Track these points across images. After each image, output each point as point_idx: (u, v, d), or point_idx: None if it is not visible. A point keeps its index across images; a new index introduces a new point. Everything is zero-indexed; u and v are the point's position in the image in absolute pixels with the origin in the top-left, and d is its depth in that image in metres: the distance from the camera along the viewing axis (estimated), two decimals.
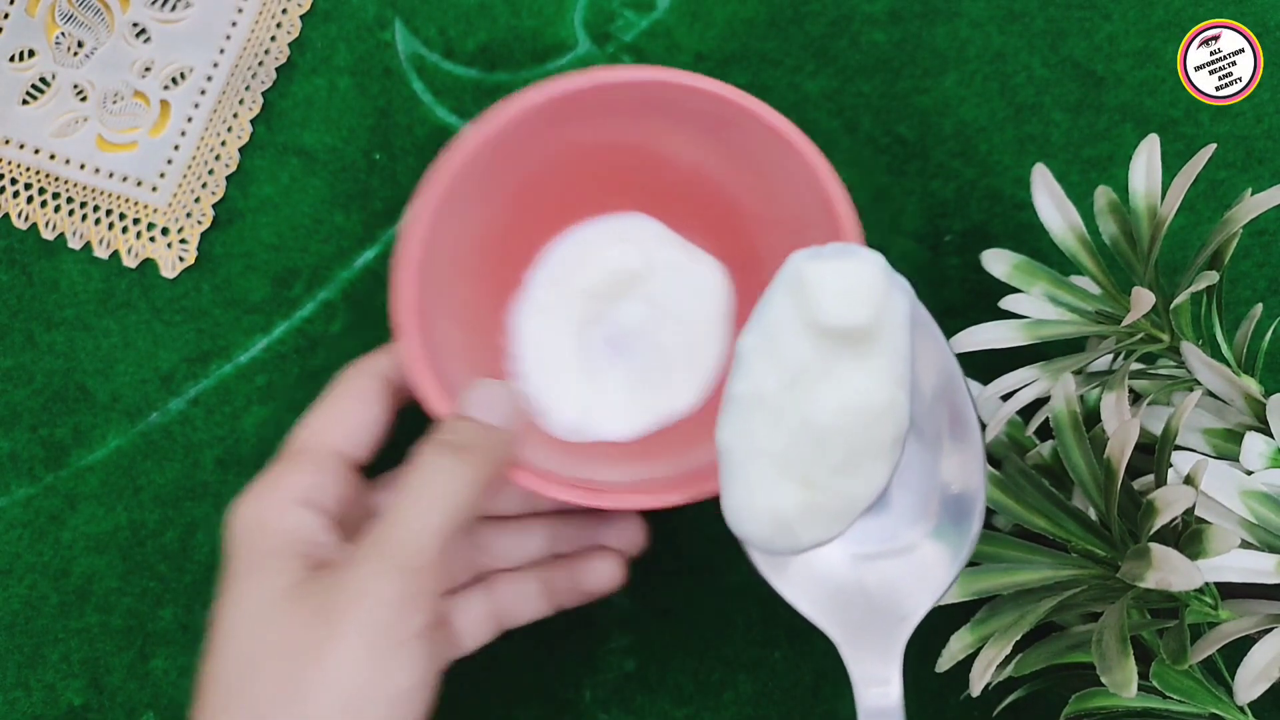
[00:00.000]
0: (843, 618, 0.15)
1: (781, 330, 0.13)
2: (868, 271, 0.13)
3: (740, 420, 0.13)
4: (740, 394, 0.13)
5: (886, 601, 0.14)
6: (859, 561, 0.15)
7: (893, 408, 0.13)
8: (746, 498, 0.13)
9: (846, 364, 0.13)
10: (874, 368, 0.13)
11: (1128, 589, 0.16)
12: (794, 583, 0.15)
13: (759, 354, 0.13)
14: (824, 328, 0.13)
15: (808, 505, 0.13)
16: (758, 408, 0.13)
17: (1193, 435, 0.18)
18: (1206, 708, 0.16)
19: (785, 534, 0.13)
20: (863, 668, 0.14)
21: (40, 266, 0.23)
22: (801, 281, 0.13)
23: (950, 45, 0.23)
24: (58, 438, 0.22)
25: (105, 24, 0.24)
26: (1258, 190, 0.17)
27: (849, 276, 0.13)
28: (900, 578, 0.15)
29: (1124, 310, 0.18)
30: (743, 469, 0.13)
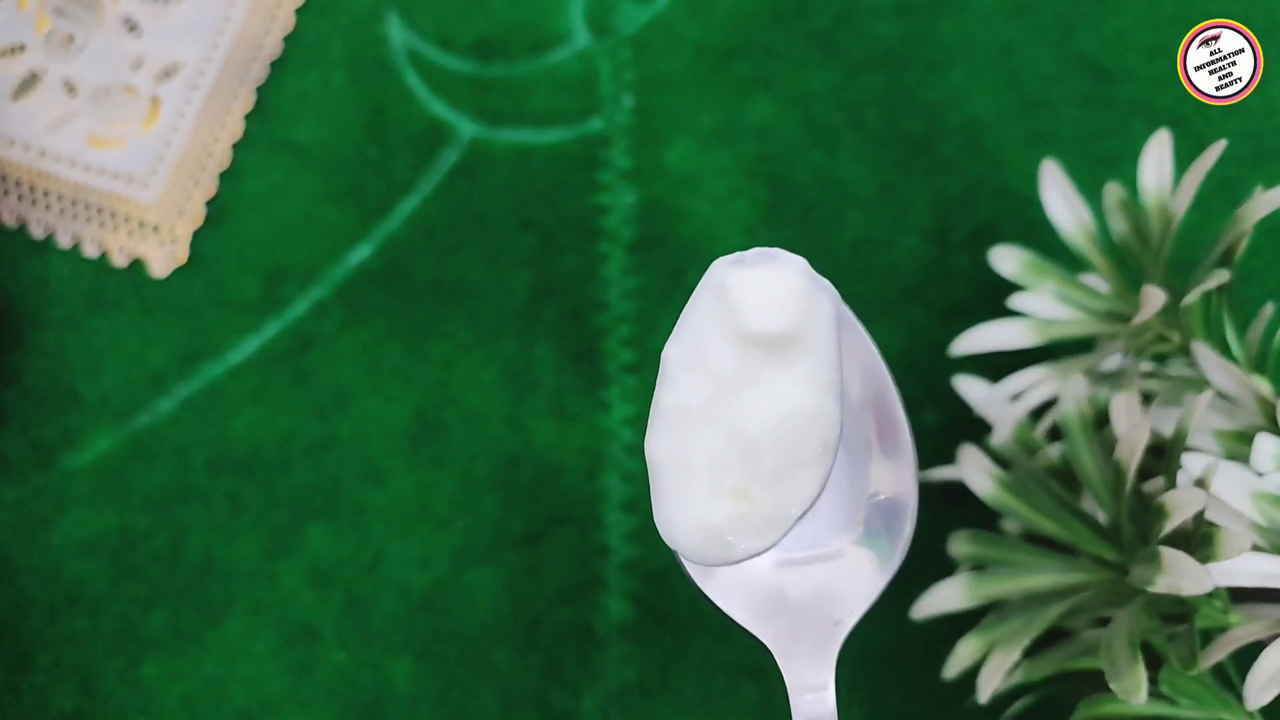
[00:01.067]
0: (775, 625, 0.14)
1: (706, 340, 0.13)
2: (790, 276, 0.13)
3: (669, 432, 0.13)
4: (668, 406, 0.13)
5: (818, 607, 0.14)
6: (786, 567, 0.15)
7: (822, 414, 0.13)
8: (679, 511, 0.13)
9: (773, 372, 0.13)
10: (801, 374, 0.13)
11: (1138, 594, 0.16)
12: (726, 589, 0.15)
13: (684, 365, 0.13)
14: (748, 335, 0.13)
15: (740, 516, 0.13)
16: (686, 420, 0.13)
17: (1204, 436, 0.17)
18: (1217, 714, 0.16)
19: (719, 546, 0.13)
20: (798, 675, 0.14)
21: (29, 265, 0.23)
22: (724, 289, 0.13)
23: (957, 38, 0.23)
24: (46, 439, 0.22)
25: (96, 18, 0.24)
26: (1269, 187, 0.17)
27: (772, 282, 0.13)
28: (831, 583, 0.15)
29: (1134, 309, 0.18)
30: (674, 482, 0.13)
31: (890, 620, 0.21)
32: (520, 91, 0.23)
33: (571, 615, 0.21)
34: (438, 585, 0.21)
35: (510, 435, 0.22)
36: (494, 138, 0.23)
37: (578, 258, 0.23)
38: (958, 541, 0.19)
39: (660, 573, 0.21)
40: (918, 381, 0.22)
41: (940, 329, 0.22)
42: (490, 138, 0.23)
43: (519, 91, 0.23)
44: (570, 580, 0.21)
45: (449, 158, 0.23)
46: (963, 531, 0.19)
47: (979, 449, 0.18)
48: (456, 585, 0.21)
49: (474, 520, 0.22)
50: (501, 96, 0.24)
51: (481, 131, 0.23)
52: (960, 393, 0.21)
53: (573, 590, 0.21)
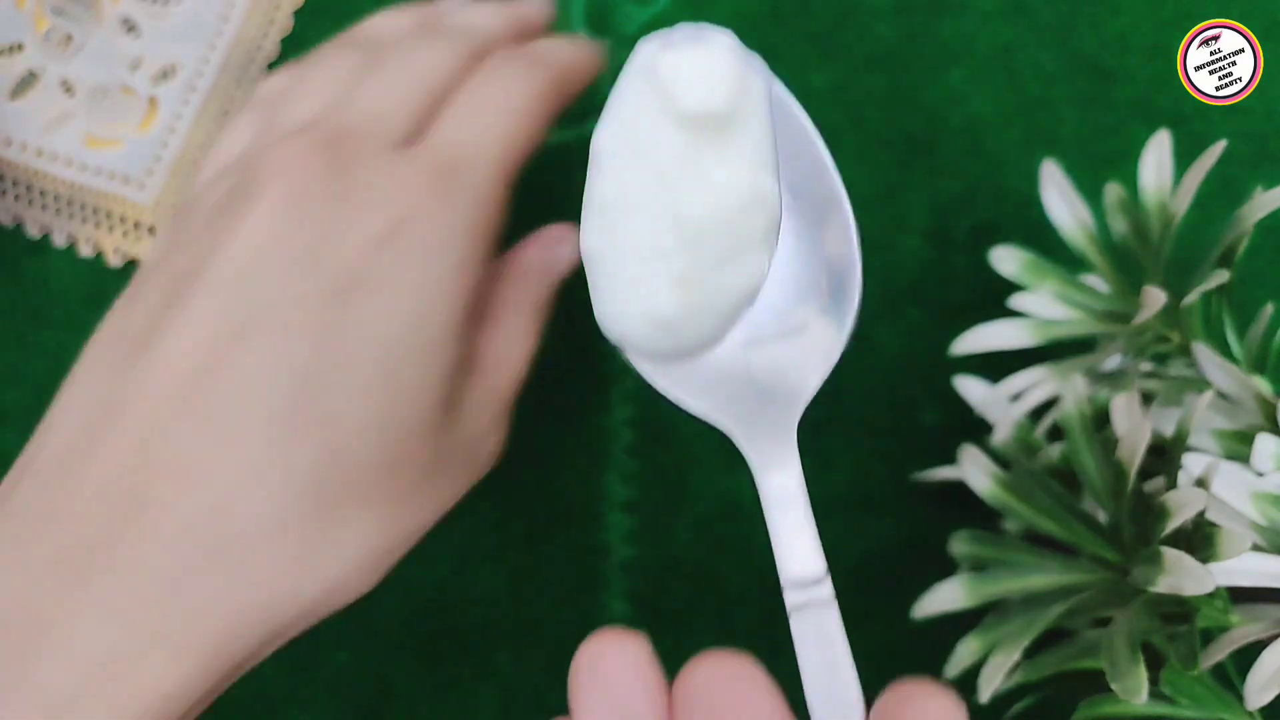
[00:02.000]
0: (734, 408, 0.14)
1: (638, 125, 0.13)
2: (722, 55, 0.13)
3: (606, 224, 0.13)
4: (603, 196, 0.13)
5: (777, 384, 0.14)
6: (750, 347, 0.14)
7: (761, 194, 0.13)
8: (623, 303, 0.13)
9: (711, 154, 0.13)
10: (739, 155, 0.13)
11: (1138, 594, 0.16)
12: (678, 379, 0.14)
13: (617, 153, 0.13)
14: (683, 117, 0.12)
15: (687, 304, 0.13)
16: (623, 209, 0.13)
17: (1204, 436, 0.17)
18: (1217, 714, 0.16)
19: (669, 335, 0.13)
20: (761, 455, 0.14)
21: (29, 265, 0.23)
22: (655, 72, 0.13)
23: (957, 39, 0.23)
24: None
25: (94, 18, 0.24)
26: (1269, 187, 0.17)
27: (704, 62, 0.13)
28: (790, 358, 0.14)
29: (1134, 309, 0.18)
30: (615, 274, 0.13)
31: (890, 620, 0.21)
32: None
33: (572, 615, 0.21)
34: (439, 585, 0.21)
35: (510, 434, 0.22)
36: None
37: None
38: (958, 541, 0.19)
39: (660, 572, 0.21)
40: (918, 381, 0.22)
41: (940, 329, 0.22)
42: None
43: None
44: (571, 580, 0.21)
45: None
46: (963, 531, 0.19)
47: (979, 449, 0.18)
48: (458, 585, 0.21)
49: (475, 520, 0.22)
50: None
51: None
52: (960, 393, 0.21)
53: (573, 590, 0.21)
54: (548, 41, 0.18)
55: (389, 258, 0.14)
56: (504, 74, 0.17)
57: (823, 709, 0.11)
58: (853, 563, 0.21)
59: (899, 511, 0.21)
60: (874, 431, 0.22)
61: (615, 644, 0.11)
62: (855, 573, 0.21)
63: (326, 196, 0.14)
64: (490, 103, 0.16)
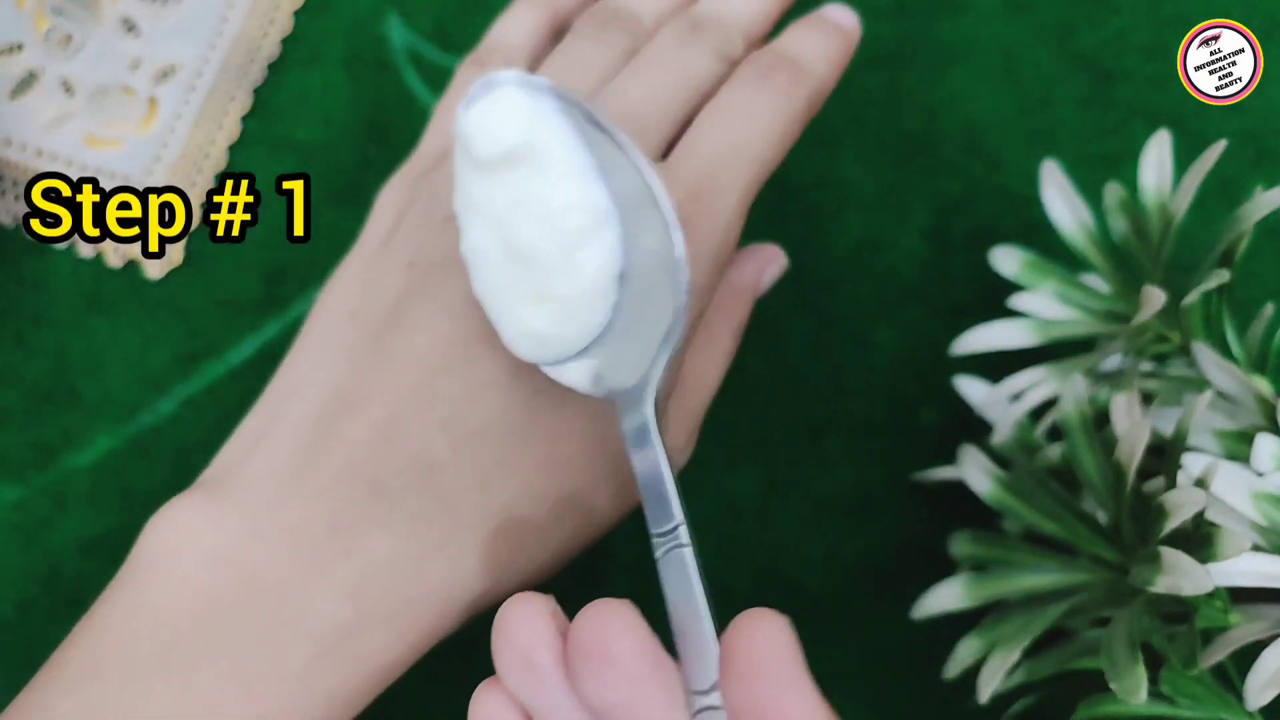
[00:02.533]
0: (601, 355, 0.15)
1: (466, 183, 0.14)
2: (507, 97, 0.14)
3: (475, 273, 0.14)
4: (466, 252, 0.14)
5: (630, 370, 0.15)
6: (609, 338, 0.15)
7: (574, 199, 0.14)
8: (507, 331, 0.14)
9: (525, 183, 0.14)
10: (547, 175, 0.14)
11: (1138, 594, 0.16)
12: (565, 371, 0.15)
13: (463, 212, 0.14)
14: (484, 163, 0.14)
15: (553, 313, 0.14)
16: (480, 257, 0.14)
17: (1204, 436, 0.17)
18: (1217, 714, 0.16)
19: (551, 345, 0.14)
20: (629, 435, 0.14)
21: (29, 265, 0.23)
22: (461, 132, 0.14)
23: (957, 38, 0.23)
24: (46, 439, 0.22)
25: (95, 18, 0.24)
26: (1268, 187, 0.17)
27: (491, 108, 0.14)
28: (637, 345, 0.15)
29: (1134, 309, 0.18)
30: (498, 311, 0.14)
31: (890, 620, 0.21)
32: None
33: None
34: None
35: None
36: None
37: None
38: (958, 541, 0.19)
39: None
40: (918, 381, 0.22)
41: (940, 329, 0.22)
42: None
43: None
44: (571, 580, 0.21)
45: None
46: (963, 531, 0.19)
47: (979, 449, 0.19)
48: None
49: None
50: None
51: None
52: (961, 393, 0.21)
53: (573, 590, 0.21)
54: (808, 40, 0.17)
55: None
56: (762, 91, 0.16)
57: (684, 639, 0.13)
58: (853, 562, 0.21)
59: (899, 511, 0.22)
60: (874, 431, 0.22)
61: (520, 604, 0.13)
62: (855, 572, 0.21)
63: None
64: (744, 124, 0.16)
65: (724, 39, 0.17)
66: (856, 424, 0.22)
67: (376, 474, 0.14)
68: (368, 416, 0.14)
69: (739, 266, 0.18)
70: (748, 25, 0.17)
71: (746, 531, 0.22)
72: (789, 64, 0.17)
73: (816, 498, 0.22)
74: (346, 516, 0.14)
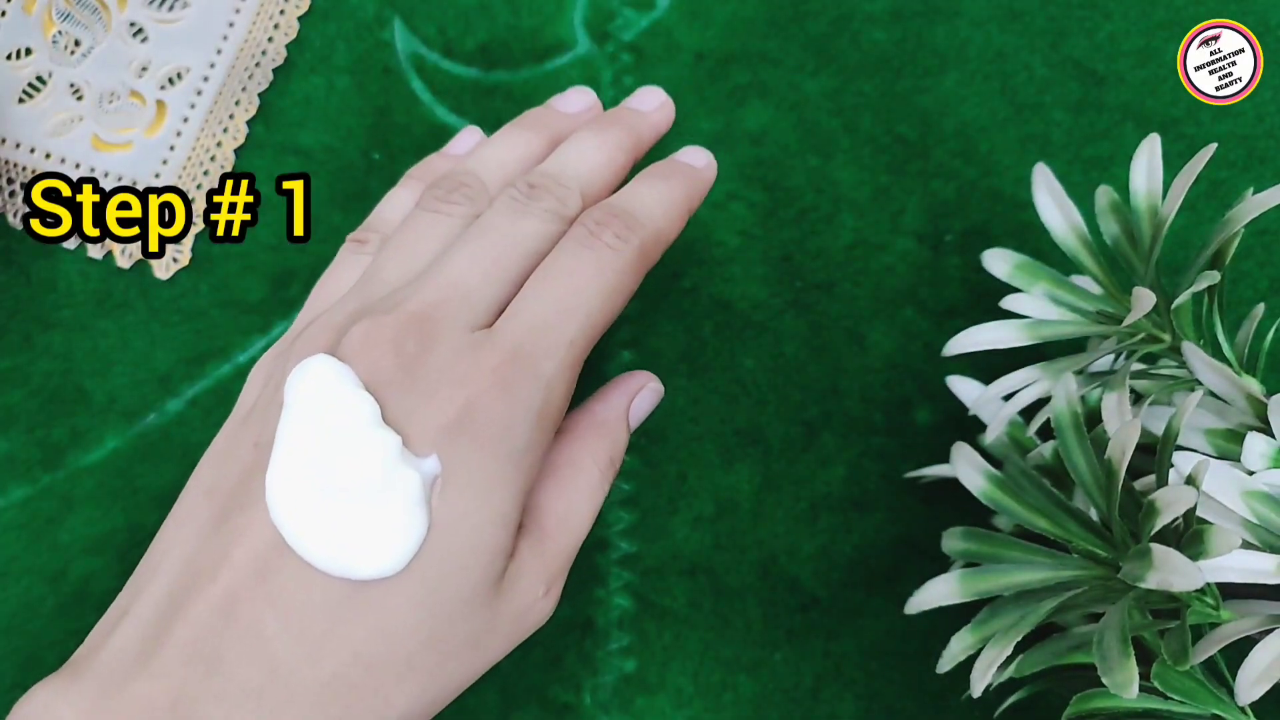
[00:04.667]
0: None
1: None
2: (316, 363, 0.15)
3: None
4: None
5: None
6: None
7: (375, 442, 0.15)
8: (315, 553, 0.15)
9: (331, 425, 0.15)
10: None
11: (1129, 590, 0.16)
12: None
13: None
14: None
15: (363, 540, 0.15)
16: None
17: (1194, 435, 0.18)
18: (1208, 708, 0.16)
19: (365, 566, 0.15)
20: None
21: (38, 267, 0.23)
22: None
23: (951, 44, 0.23)
24: (54, 439, 0.22)
25: (102, 23, 0.24)
26: (1259, 190, 0.17)
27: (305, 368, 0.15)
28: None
29: (1125, 310, 0.18)
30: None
31: (884, 615, 0.21)
32: (522, 97, 0.24)
33: (571, 611, 0.21)
34: None
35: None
36: None
37: None
38: (951, 538, 0.19)
39: (659, 568, 0.22)
40: (912, 381, 0.22)
41: (934, 330, 0.22)
42: None
43: (521, 97, 0.24)
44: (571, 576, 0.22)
45: None
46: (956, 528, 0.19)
47: (972, 447, 0.19)
48: None
49: None
50: (504, 102, 0.24)
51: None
52: (954, 392, 0.21)
53: (573, 585, 0.21)
54: (645, 190, 0.17)
55: (449, 448, 0.15)
56: (587, 249, 0.16)
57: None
58: (847, 559, 0.21)
59: (893, 508, 0.22)
60: (868, 430, 0.22)
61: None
62: (850, 568, 0.21)
63: (396, 384, 0.15)
64: (567, 285, 0.16)
65: (559, 199, 0.17)
66: (851, 422, 0.22)
67: (215, 650, 0.14)
68: (207, 594, 0.14)
69: (606, 399, 0.18)
70: (586, 182, 0.17)
71: (742, 528, 0.22)
72: (619, 218, 0.17)
73: (811, 495, 0.22)
74: (188, 693, 0.14)
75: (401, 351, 0.15)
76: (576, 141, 0.18)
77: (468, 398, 0.15)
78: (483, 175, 0.18)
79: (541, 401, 0.16)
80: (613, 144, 0.18)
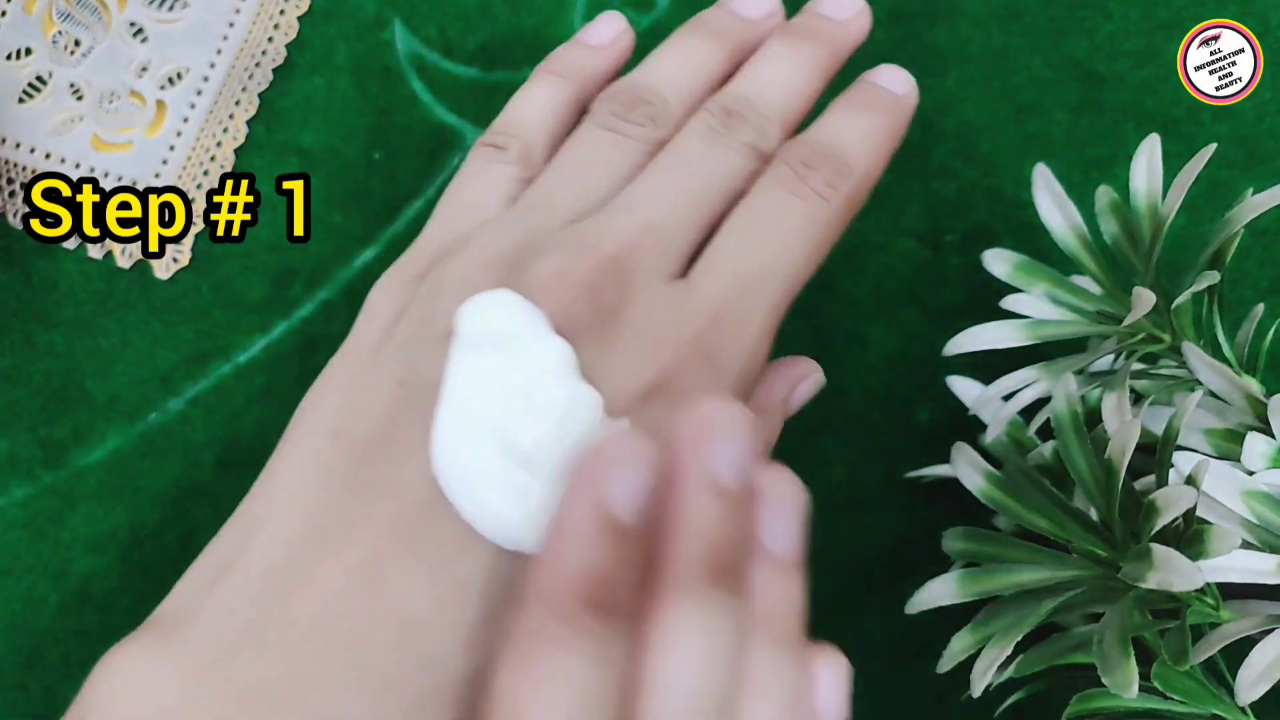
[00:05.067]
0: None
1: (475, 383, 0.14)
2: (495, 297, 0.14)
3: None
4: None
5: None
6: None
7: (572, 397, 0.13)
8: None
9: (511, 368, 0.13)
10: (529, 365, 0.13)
11: (1129, 590, 0.16)
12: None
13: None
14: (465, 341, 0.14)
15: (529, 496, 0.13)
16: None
17: (1194, 435, 0.18)
18: (1208, 708, 0.16)
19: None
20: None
21: (38, 266, 0.23)
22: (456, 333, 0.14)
23: (951, 44, 0.23)
24: (56, 438, 0.22)
25: (103, 23, 0.24)
26: (1259, 190, 0.17)
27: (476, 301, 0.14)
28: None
29: (1125, 310, 0.18)
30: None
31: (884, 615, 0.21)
32: None
33: None
34: None
35: None
36: None
37: None
38: (951, 538, 0.19)
39: None
40: (911, 381, 0.22)
41: (934, 330, 0.22)
42: None
43: None
44: None
45: (453, 163, 0.24)
46: (956, 528, 0.19)
47: (972, 447, 0.19)
48: None
49: None
50: (505, 102, 0.24)
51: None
52: (954, 392, 0.21)
53: None
54: (852, 124, 0.15)
55: (641, 416, 0.13)
56: (794, 198, 0.14)
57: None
58: (847, 559, 0.21)
59: (893, 508, 0.22)
60: (868, 430, 0.22)
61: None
62: (850, 568, 0.21)
63: (592, 337, 0.13)
64: (773, 239, 0.14)
65: (758, 131, 0.15)
66: (851, 422, 0.22)
67: (349, 625, 0.12)
68: (343, 557, 0.12)
69: (768, 384, 0.16)
70: (785, 110, 0.15)
71: None
72: (827, 160, 0.15)
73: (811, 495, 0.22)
74: (313, 674, 0.11)
75: (599, 300, 0.13)
76: (770, 59, 0.16)
77: (666, 363, 0.13)
78: (665, 92, 0.16)
79: (740, 371, 0.14)
80: (810, 64, 0.16)
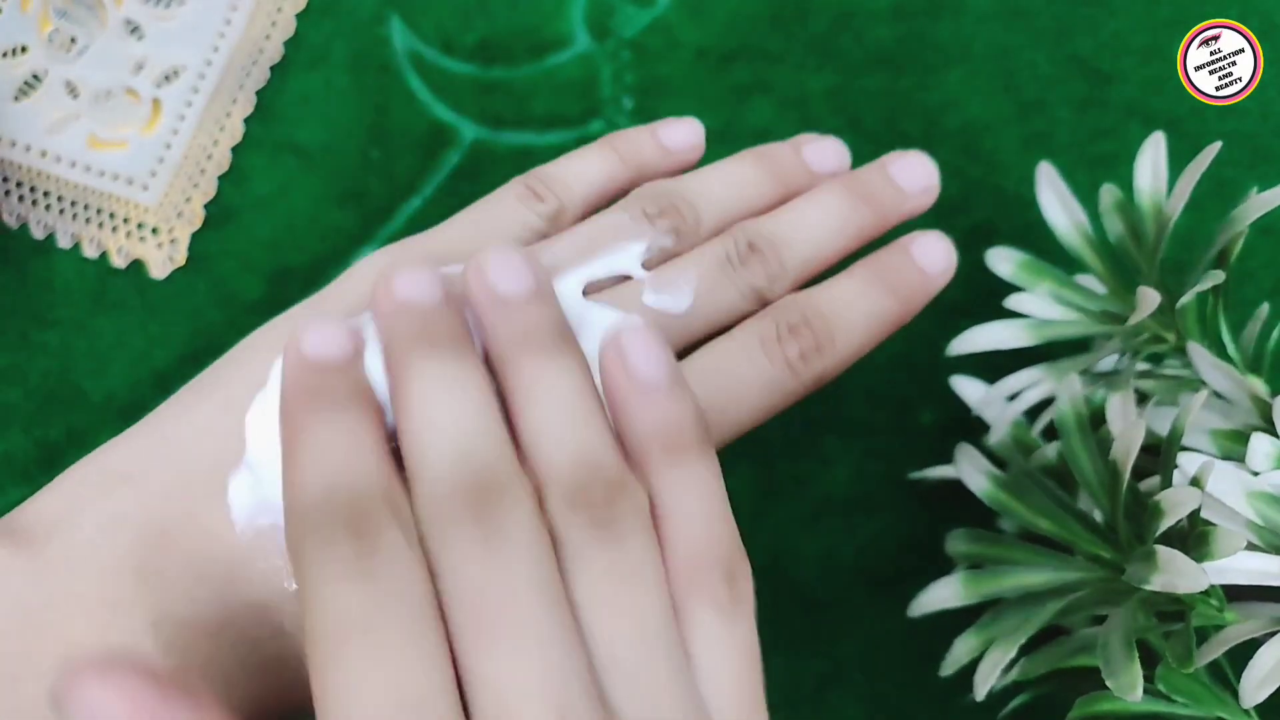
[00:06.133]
0: None
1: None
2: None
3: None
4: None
5: None
6: None
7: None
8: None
9: None
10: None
11: (1133, 592, 0.16)
12: None
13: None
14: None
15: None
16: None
17: (1199, 436, 0.18)
18: (1212, 711, 0.16)
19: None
20: None
21: (34, 265, 0.23)
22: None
23: (954, 41, 0.23)
24: (52, 438, 0.22)
25: (99, 20, 0.24)
26: (1264, 188, 0.17)
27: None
28: None
29: (1130, 310, 0.18)
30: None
31: (887, 618, 0.21)
32: (521, 94, 0.24)
33: None
34: None
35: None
36: (495, 140, 0.23)
37: None
38: (955, 540, 0.19)
39: None
40: (915, 381, 0.22)
41: (937, 329, 0.22)
42: (492, 140, 0.23)
43: (520, 94, 0.24)
44: None
45: (451, 160, 0.23)
46: (960, 530, 0.19)
47: (976, 448, 0.19)
48: None
49: None
50: (503, 99, 0.24)
51: (483, 134, 0.23)
52: (957, 392, 0.21)
53: None
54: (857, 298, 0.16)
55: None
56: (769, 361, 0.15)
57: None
58: (850, 561, 0.21)
59: (896, 510, 0.22)
60: (872, 431, 0.22)
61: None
62: (853, 570, 0.21)
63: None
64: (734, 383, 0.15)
65: (770, 279, 0.15)
66: (854, 423, 0.22)
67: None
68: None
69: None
70: (806, 262, 0.16)
71: (744, 529, 0.22)
72: (815, 331, 0.15)
73: (814, 496, 0.22)
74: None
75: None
76: (816, 207, 0.16)
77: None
78: (701, 210, 0.16)
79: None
80: (853, 228, 0.16)
